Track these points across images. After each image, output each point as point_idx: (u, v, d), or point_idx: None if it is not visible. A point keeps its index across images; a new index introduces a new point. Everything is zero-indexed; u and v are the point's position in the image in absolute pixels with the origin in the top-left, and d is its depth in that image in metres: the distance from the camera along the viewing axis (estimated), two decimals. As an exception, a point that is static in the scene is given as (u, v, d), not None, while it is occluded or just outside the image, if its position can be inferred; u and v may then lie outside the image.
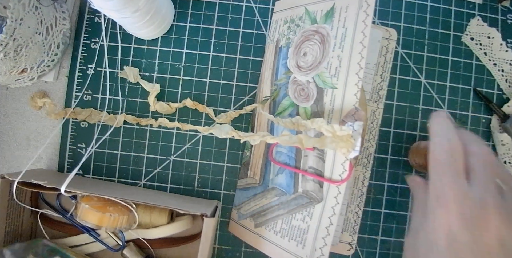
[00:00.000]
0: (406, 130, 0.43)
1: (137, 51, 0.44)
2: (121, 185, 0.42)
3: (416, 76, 0.43)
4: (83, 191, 0.34)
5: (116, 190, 0.38)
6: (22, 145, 0.44)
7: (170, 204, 0.35)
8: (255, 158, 0.42)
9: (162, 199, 0.38)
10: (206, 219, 0.33)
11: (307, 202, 0.35)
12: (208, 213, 0.34)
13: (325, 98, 0.35)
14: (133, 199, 0.34)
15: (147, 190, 0.43)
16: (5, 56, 0.33)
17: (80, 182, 0.39)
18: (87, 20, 0.44)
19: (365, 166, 0.42)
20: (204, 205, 0.38)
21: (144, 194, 0.39)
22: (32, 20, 0.35)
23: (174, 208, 0.34)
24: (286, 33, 0.41)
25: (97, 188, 0.37)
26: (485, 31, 0.43)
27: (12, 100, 0.44)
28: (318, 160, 0.34)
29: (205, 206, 0.37)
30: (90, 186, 0.38)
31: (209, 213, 0.34)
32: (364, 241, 0.42)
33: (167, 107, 0.42)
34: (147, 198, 0.36)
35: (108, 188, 0.39)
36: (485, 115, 0.43)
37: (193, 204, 0.38)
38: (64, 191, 0.33)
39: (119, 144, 0.43)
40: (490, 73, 0.44)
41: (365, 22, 0.32)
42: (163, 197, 0.39)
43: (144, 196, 0.38)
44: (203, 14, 0.44)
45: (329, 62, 0.34)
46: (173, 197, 0.40)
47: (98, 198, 0.36)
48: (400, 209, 0.42)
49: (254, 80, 0.44)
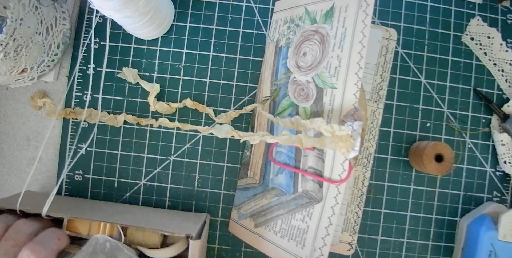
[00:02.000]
0: (406, 130, 0.43)
1: (137, 51, 0.44)
2: (105, 204, 0.41)
3: (416, 76, 0.43)
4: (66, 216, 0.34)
5: (100, 212, 0.38)
6: (22, 145, 0.44)
7: (155, 225, 0.34)
8: (255, 158, 0.42)
9: (147, 219, 0.37)
10: (192, 241, 0.33)
11: (306, 202, 0.35)
12: (194, 233, 0.33)
13: (325, 98, 0.35)
14: (117, 221, 0.34)
15: (133, 206, 0.42)
16: (5, 56, 0.33)
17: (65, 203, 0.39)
18: (87, 20, 0.44)
19: (365, 166, 0.42)
20: (192, 221, 0.37)
21: (130, 213, 0.38)
22: (32, 20, 0.35)
23: (159, 230, 0.33)
24: (286, 33, 0.41)
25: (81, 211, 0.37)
26: (485, 31, 0.43)
27: (12, 100, 0.44)
28: (318, 160, 0.34)
29: (192, 223, 0.36)
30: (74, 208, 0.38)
31: (194, 233, 0.33)
32: (364, 241, 0.42)
33: (167, 107, 0.42)
34: (132, 218, 0.36)
35: (93, 210, 0.38)
36: (485, 115, 0.43)
37: (180, 222, 0.37)
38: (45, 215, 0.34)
39: (119, 144, 0.43)
40: (490, 73, 0.44)
41: (364, 22, 0.32)
42: (149, 215, 0.39)
43: (129, 215, 0.37)
44: (203, 14, 0.44)
45: (329, 62, 0.34)
46: (159, 214, 0.39)
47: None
48: (400, 209, 0.42)
49: (254, 80, 0.44)
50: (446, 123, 0.43)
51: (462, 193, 0.43)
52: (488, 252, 0.37)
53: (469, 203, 0.43)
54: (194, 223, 0.37)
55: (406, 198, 0.42)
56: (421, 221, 0.42)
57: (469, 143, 0.43)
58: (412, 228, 0.42)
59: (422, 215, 0.42)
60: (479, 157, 0.43)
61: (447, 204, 0.43)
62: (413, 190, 0.43)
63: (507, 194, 0.43)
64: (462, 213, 0.43)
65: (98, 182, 0.43)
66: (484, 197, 0.43)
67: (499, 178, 0.43)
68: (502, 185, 0.43)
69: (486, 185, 0.43)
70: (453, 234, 0.42)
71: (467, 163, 0.43)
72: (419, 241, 0.42)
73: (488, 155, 0.43)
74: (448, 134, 0.43)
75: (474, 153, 0.43)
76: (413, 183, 0.43)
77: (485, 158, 0.43)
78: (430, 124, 0.43)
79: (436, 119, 0.43)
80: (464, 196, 0.43)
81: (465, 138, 0.43)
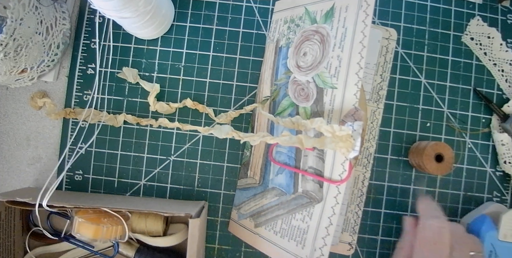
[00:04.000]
0: (406, 130, 0.43)
1: (137, 51, 0.44)
2: (106, 195, 0.42)
3: (416, 76, 0.43)
4: (68, 204, 0.34)
5: (101, 200, 0.38)
6: (22, 145, 0.44)
7: (154, 208, 0.35)
8: (255, 158, 0.42)
9: (146, 204, 0.38)
10: (191, 219, 0.34)
11: (307, 202, 0.35)
12: (193, 213, 0.34)
13: (325, 98, 0.35)
14: (117, 207, 0.35)
15: (134, 197, 0.43)
16: (5, 56, 0.33)
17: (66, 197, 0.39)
18: (87, 20, 0.44)
19: (365, 166, 0.42)
20: (191, 206, 0.38)
21: (130, 202, 0.39)
22: (32, 20, 0.35)
23: (158, 211, 0.34)
24: (286, 33, 0.41)
25: (84, 200, 0.37)
26: (485, 31, 0.43)
27: (12, 100, 0.44)
28: (318, 160, 0.34)
29: (191, 207, 0.37)
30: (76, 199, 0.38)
31: (193, 213, 0.34)
32: (364, 241, 0.42)
33: (167, 107, 0.42)
34: (131, 204, 0.37)
35: (94, 200, 0.39)
36: (485, 115, 0.43)
37: (179, 206, 0.38)
38: (46, 206, 0.34)
39: (119, 144, 0.43)
40: (490, 73, 0.44)
41: (364, 22, 0.32)
42: (149, 202, 0.39)
43: (129, 203, 0.38)
44: (203, 14, 0.44)
45: (329, 62, 0.34)
46: (159, 202, 0.41)
47: (93, 210, 0.36)
48: (400, 209, 0.42)
49: (254, 80, 0.44)
50: (446, 123, 0.43)
51: (462, 193, 0.43)
52: (488, 252, 0.37)
53: (469, 203, 0.43)
54: (193, 207, 0.38)
55: (406, 198, 0.42)
56: (421, 221, 0.42)
57: (469, 143, 0.43)
58: (412, 228, 0.42)
59: (422, 215, 0.42)
60: (479, 157, 0.43)
61: (447, 204, 0.43)
62: (413, 190, 0.43)
63: (507, 194, 0.43)
64: (462, 213, 0.43)
65: (98, 182, 0.43)
66: (484, 197, 0.43)
67: (499, 178, 0.43)
68: (502, 185, 0.43)
69: (486, 185, 0.43)
70: (453, 234, 0.42)
71: (467, 163, 0.43)
72: (419, 241, 0.42)
73: (488, 155, 0.43)
74: (448, 134, 0.43)
75: (474, 153, 0.43)
76: (413, 183, 0.43)
77: (485, 158, 0.43)
78: (430, 124, 0.43)
79: (436, 119, 0.43)
80: (464, 196, 0.43)
81: (465, 138, 0.43)
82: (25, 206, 0.35)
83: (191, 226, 0.34)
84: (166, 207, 0.36)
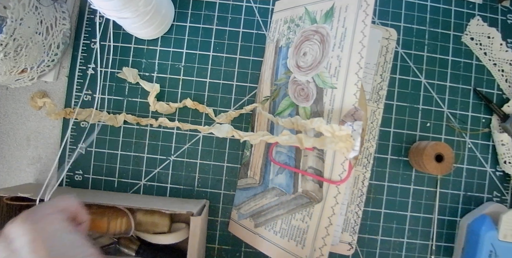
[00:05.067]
0: (406, 130, 0.43)
1: (137, 51, 0.44)
2: (107, 193, 0.42)
3: (416, 76, 0.43)
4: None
5: (104, 197, 0.38)
6: (22, 145, 0.44)
7: (156, 206, 0.35)
8: (255, 158, 0.42)
9: (148, 202, 0.38)
10: (192, 217, 0.34)
11: (306, 202, 0.35)
12: (194, 211, 0.34)
13: (325, 98, 0.35)
14: (119, 203, 0.35)
15: (135, 195, 0.43)
16: (5, 56, 0.33)
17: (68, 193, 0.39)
18: (87, 20, 0.44)
19: (365, 166, 0.42)
20: (192, 204, 0.38)
21: (132, 199, 0.39)
22: (32, 20, 0.35)
23: (160, 209, 0.34)
24: (286, 33, 0.41)
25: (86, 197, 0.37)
26: (485, 31, 0.43)
27: (12, 100, 0.44)
28: (318, 160, 0.34)
29: (193, 205, 0.37)
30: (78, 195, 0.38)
31: (195, 211, 0.34)
32: (364, 241, 0.42)
33: (167, 107, 0.42)
34: (133, 202, 0.37)
35: (97, 196, 0.39)
36: (485, 115, 0.43)
37: (181, 204, 0.38)
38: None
39: (119, 144, 0.43)
40: (490, 73, 0.44)
41: (364, 22, 0.32)
42: (151, 200, 0.40)
43: (131, 200, 0.38)
44: (203, 14, 0.44)
45: (329, 62, 0.34)
46: (160, 199, 0.41)
47: (97, 206, 0.36)
48: (400, 209, 0.42)
49: (254, 80, 0.44)
50: (446, 123, 0.43)
51: (462, 193, 0.43)
52: (489, 252, 0.37)
53: (469, 203, 0.43)
54: (194, 205, 0.38)
55: (406, 198, 0.42)
56: (421, 221, 0.42)
57: (469, 143, 0.43)
58: (412, 228, 0.42)
59: (422, 215, 0.42)
60: (479, 157, 0.43)
61: (447, 204, 0.43)
62: (413, 190, 0.43)
63: (507, 194, 0.43)
64: (462, 213, 0.43)
65: (98, 182, 0.43)
66: (484, 197, 0.43)
67: (499, 178, 0.43)
68: (502, 185, 0.43)
69: (486, 185, 0.43)
70: (454, 234, 0.42)
71: (467, 163, 0.43)
72: (419, 241, 0.42)
73: (488, 155, 0.43)
74: (448, 134, 0.43)
75: (474, 153, 0.43)
76: (413, 183, 0.43)
77: (485, 158, 0.43)
78: (430, 124, 0.43)
79: (436, 119, 0.43)
80: (464, 196, 0.43)
81: (465, 138, 0.43)
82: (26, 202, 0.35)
83: (192, 224, 0.34)
84: (167, 205, 0.36)
